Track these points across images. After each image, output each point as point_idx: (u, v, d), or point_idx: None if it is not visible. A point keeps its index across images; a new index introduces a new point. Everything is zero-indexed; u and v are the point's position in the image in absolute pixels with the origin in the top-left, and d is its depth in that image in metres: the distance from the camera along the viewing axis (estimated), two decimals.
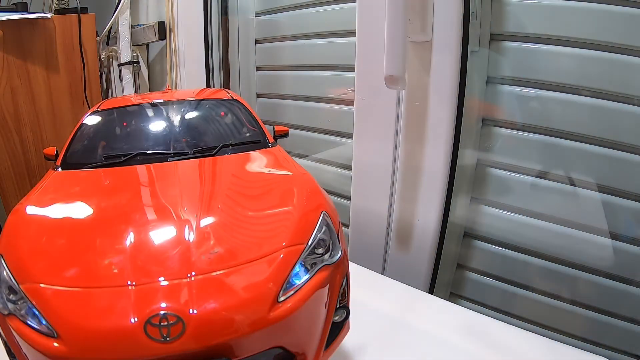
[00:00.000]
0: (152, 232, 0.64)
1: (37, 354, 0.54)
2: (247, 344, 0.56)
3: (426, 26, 1.00)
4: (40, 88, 1.83)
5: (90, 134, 0.99)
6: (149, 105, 1.07)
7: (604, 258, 1.00)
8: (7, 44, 1.71)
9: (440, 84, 1.03)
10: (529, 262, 1.10)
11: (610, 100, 0.93)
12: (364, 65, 1.16)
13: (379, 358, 0.80)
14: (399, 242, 1.20)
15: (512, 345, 0.83)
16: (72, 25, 1.88)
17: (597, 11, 0.91)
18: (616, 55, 0.91)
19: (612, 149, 0.95)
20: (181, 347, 0.52)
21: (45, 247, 0.63)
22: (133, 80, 2.11)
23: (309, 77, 1.56)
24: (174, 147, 0.93)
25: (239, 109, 1.09)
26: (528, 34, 1.00)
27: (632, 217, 0.96)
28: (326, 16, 1.44)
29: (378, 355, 0.81)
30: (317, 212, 0.70)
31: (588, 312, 1.04)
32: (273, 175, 0.85)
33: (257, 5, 1.71)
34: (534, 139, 1.04)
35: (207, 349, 0.53)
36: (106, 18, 2.06)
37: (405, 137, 1.12)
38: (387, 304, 0.96)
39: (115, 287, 0.56)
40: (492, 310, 1.18)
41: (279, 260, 0.61)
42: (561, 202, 1.04)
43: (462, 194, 1.15)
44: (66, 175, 0.87)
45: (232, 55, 1.80)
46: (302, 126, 1.61)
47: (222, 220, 0.68)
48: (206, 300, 0.55)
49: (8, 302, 0.58)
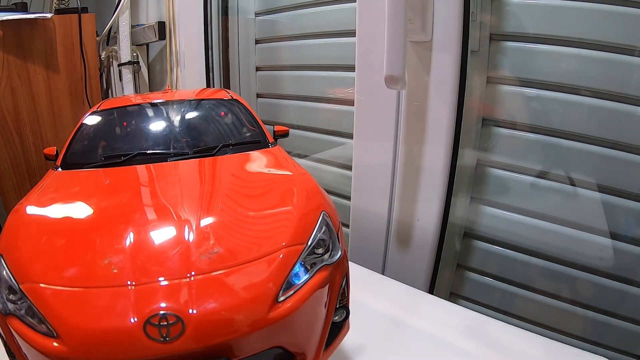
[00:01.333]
0: (152, 232, 0.64)
1: (37, 354, 0.54)
2: (247, 344, 0.56)
3: (426, 26, 1.00)
4: (40, 88, 1.83)
5: (90, 134, 0.99)
6: (149, 105, 1.07)
7: (604, 258, 1.00)
8: (7, 44, 1.71)
9: (440, 84, 1.03)
10: (529, 262, 1.10)
11: (610, 100, 0.93)
12: (364, 65, 1.16)
13: (379, 358, 0.80)
14: (399, 242, 1.20)
15: (512, 345, 0.83)
16: (72, 25, 1.88)
17: (597, 11, 0.91)
18: (616, 55, 0.91)
19: (612, 149, 0.95)
20: (181, 347, 0.52)
21: (45, 247, 0.63)
22: (133, 80, 2.11)
23: (309, 77, 1.56)
24: (174, 147, 0.93)
25: (239, 109, 1.09)
26: (528, 34, 1.00)
27: (632, 217, 0.96)
28: (326, 16, 1.44)
29: (378, 355, 0.80)
30: (317, 212, 0.70)
31: (588, 312, 1.04)
32: (273, 175, 0.85)
33: (257, 5, 1.71)
34: (534, 139, 1.04)
35: (207, 349, 0.53)
36: (106, 18, 2.06)
37: (405, 137, 1.12)
38: (387, 304, 0.96)
39: (115, 287, 0.56)
40: (492, 310, 1.18)
41: (278, 260, 0.61)
42: (561, 202, 1.04)
43: (462, 194, 1.15)
44: (66, 175, 0.87)
45: (232, 55, 1.80)
46: (302, 126, 1.61)
47: (222, 220, 0.68)
48: (206, 300, 0.55)
49: (8, 302, 0.58)
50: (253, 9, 1.73)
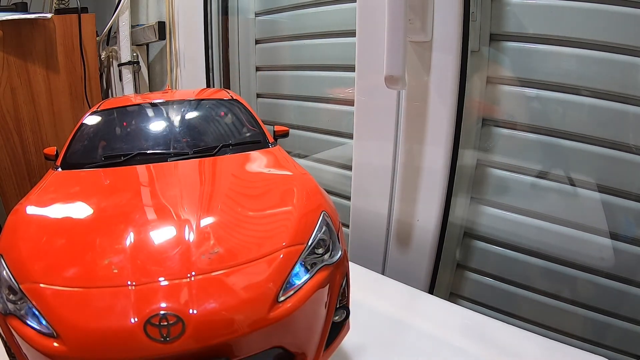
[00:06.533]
0: (152, 232, 0.64)
1: (37, 354, 0.54)
2: (247, 344, 0.56)
3: (426, 26, 1.00)
4: (40, 88, 1.83)
5: (90, 134, 0.99)
6: (149, 105, 1.07)
7: (604, 258, 1.00)
8: (7, 44, 1.71)
9: (440, 84, 1.03)
10: (529, 262, 1.10)
11: (610, 100, 0.93)
12: (364, 65, 1.16)
13: (379, 358, 0.80)
14: (399, 242, 1.20)
15: (512, 345, 0.83)
16: (72, 25, 1.88)
17: (597, 11, 0.91)
18: (616, 55, 0.91)
19: (612, 149, 0.95)
20: (181, 347, 0.52)
21: (45, 247, 0.63)
22: (133, 80, 2.11)
23: (309, 77, 1.56)
24: (174, 147, 0.93)
25: (239, 109, 1.09)
26: (528, 34, 1.00)
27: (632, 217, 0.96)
28: (326, 16, 1.44)
29: (378, 355, 0.81)
30: (317, 212, 0.70)
31: (588, 312, 1.04)
32: (273, 175, 0.85)
33: (257, 5, 1.71)
34: (534, 139, 1.04)
35: (207, 348, 0.53)
36: (106, 18, 2.06)
37: (405, 137, 1.12)
38: (387, 304, 0.96)
39: (115, 287, 0.56)
40: (492, 310, 1.18)
41: (278, 260, 0.61)
42: (561, 202, 1.04)
43: (462, 194, 1.15)
44: (66, 175, 0.87)
45: (232, 55, 1.80)
46: (302, 126, 1.61)
47: (222, 220, 0.68)
48: (206, 300, 0.55)
49: (8, 302, 0.58)
50: (253, 9, 1.73)
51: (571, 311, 1.06)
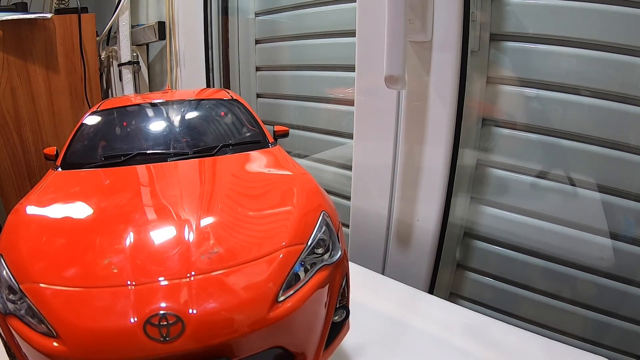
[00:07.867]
0: (152, 232, 0.64)
1: (37, 354, 0.54)
2: (247, 344, 0.56)
3: (426, 26, 1.00)
4: (40, 88, 1.83)
5: (90, 134, 0.99)
6: (149, 105, 1.07)
7: (604, 258, 1.00)
8: (7, 44, 1.71)
9: (440, 84, 1.03)
10: (529, 262, 1.10)
11: (610, 100, 0.93)
12: (364, 65, 1.16)
13: (379, 358, 0.80)
14: (399, 242, 1.20)
15: (512, 345, 0.83)
16: (72, 25, 1.88)
17: (597, 11, 0.91)
18: (616, 55, 0.91)
19: (612, 149, 0.95)
20: (181, 347, 0.52)
21: (45, 247, 0.63)
22: (133, 80, 2.11)
23: (309, 77, 1.56)
24: (173, 147, 0.93)
25: (239, 109, 1.09)
26: (528, 34, 1.00)
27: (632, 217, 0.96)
28: (326, 16, 1.44)
29: (378, 355, 0.80)
30: (317, 212, 0.70)
31: (588, 312, 1.04)
32: (273, 175, 0.85)
33: (257, 5, 1.71)
34: (534, 139, 1.04)
35: (207, 348, 0.53)
36: (106, 18, 2.06)
37: (405, 137, 1.12)
38: (387, 304, 0.96)
39: (114, 287, 0.56)
40: (492, 310, 1.18)
41: (278, 260, 0.61)
42: (561, 202, 1.04)
43: (462, 194, 1.15)
44: (66, 175, 0.87)
45: (232, 55, 1.80)
46: (302, 126, 1.61)
47: (222, 220, 0.68)
48: (206, 300, 0.55)
49: (8, 302, 0.58)
50: (253, 9, 1.73)
51: (571, 311, 1.06)
